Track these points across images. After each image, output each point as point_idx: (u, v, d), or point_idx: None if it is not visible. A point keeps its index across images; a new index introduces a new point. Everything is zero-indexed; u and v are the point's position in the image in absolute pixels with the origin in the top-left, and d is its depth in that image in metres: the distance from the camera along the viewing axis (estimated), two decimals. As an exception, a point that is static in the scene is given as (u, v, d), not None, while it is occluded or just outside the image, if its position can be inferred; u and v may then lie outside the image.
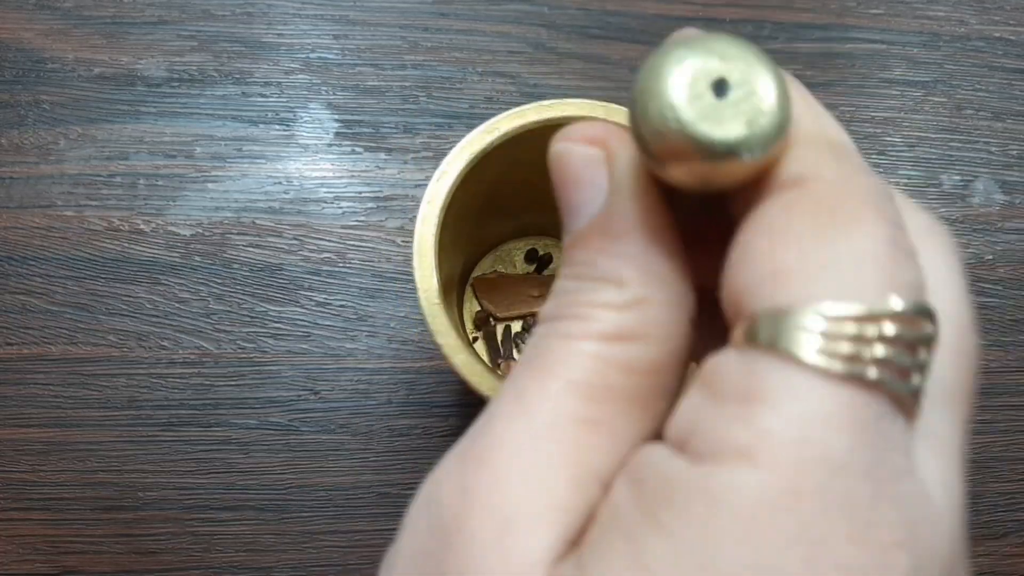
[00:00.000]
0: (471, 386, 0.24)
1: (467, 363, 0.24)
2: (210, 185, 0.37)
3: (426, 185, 0.38)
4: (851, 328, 0.11)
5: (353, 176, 0.38)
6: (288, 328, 0.36)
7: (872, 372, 0.11)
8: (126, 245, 0.37)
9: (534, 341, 0.14)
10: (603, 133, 0.15)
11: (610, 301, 0.13)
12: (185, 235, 0.37)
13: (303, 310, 0.36)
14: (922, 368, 0.11)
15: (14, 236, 0.37)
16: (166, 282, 0.36)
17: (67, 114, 0.38)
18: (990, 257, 0.39)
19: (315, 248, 0.37)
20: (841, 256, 0.11)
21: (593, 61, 0.41)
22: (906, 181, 0.40)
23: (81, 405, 0.35)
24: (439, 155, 0.39)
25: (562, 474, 0.12)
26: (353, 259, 0.37)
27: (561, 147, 0.15)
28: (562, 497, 0.12)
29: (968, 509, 0.38)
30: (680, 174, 0.13)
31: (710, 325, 0.14)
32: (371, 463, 0.35)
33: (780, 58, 0.41)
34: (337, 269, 0.37)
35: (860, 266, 0.11)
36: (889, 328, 0.11)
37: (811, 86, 0.41)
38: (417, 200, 0.27)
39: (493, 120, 0.25)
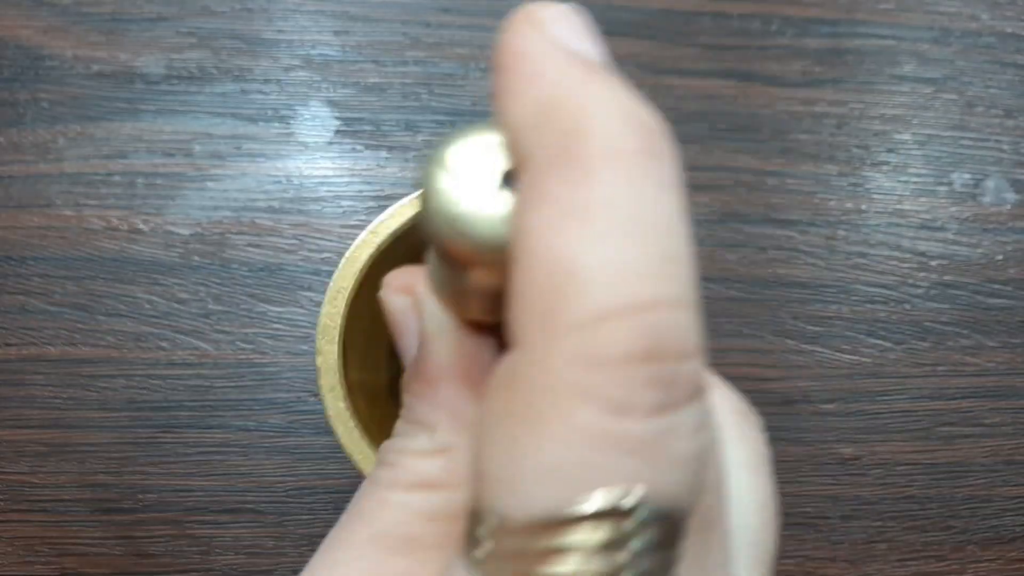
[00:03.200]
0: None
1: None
2: (209, 184, 0.37)
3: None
4: (521, 541, 0.10)
5: (354, 175, 0.38)
6: (288, 329, 0.36)
7: None
8: (125, 245, 0.36)
9: (361, 486, 0.15)
10: (411, 280, 0.15)
11: (419, 448, 0.14)
12: (184, 235, 0.36)
13: (303, 311, 0.36)
14: (624, 571, 0.10)
15: (12, 236, 0.36)
16: (165, 282, 0.36)
17: (65, 112, 0.38)
18: (1000, 257, 0.39)
19: (315, 248, 0.37)
20: (520, 461, 0.10)
21: (597, 57, 0.40)
22: (916, 180, 0.40)
23: (80, 406, 0.35)
24: (441, 153, 0.38)
25: None
26: (353, 259, 0.37)
27: (382, 295, 0.15)
28: None
29: (976, 514, 0.38)
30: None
31: None
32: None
33: (787, 54, 0.41)
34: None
35: (537, 473, 0.10)
36: (570, 537, 0.10)
37: (819, 83, 0.40)
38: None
39: (374, 223, 0.25)
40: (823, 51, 0.41)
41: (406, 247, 0.26)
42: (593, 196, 0.10)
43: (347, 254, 0.25)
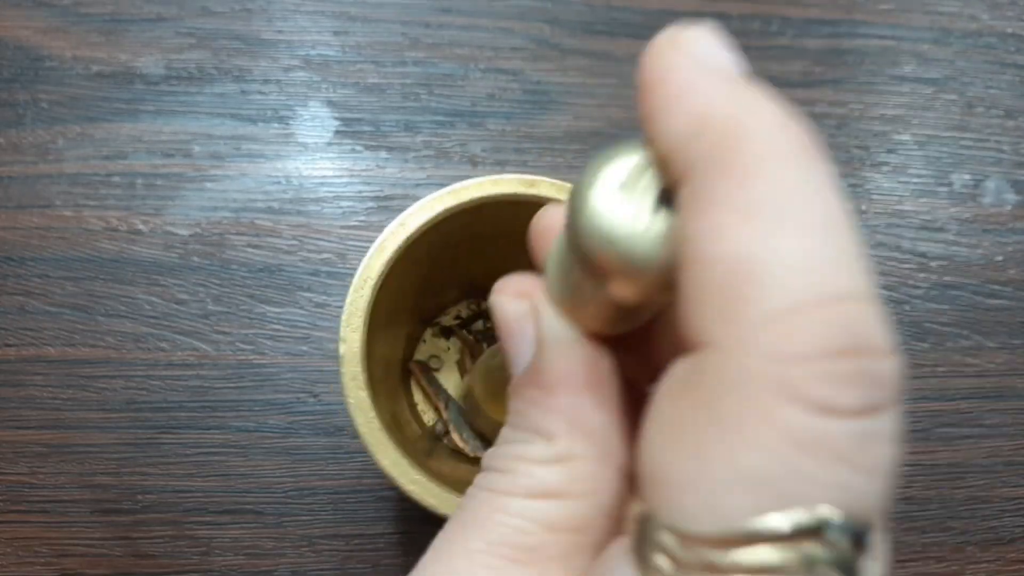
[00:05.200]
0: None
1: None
2: (208, 184, 0.37)
3: (427, 184, 0.38)
4: (702, 555, 0.10)
5: (353, 175, 0.38)
6: (287, 330, 0.36)
7: None
8: (124, 245, 0.36)
9: (469, 491, 0.14)
10: (529, 287, 0.15)
11: (537, 456, 0.14)
12: (183, 235, 0.36)
13: (302, 311, 0.36)
14: None
15: (12, 236, 0.36)
16: (164, 283, 0.36)
17: (65, 113, 0.38)
18: (1000, 258, 0.39)
19: (314, 248, 0.37)
20: (711, 466, 0.10)
21: (597, 58, 0.40)
22: (916, 180, 0.40)
23: (79, 407, 0.35)
24: (440, 153, 0.38)
25: None
26: (353, 260, 0.37)
27: (495, 300, 0.15)
28: None
29: (975, 515, 0.38)
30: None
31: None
32: (370, 466, 0.35)
33: (787, 54, 0.41)
34: (336, 270, 0.36)
35: (728, 482, 0.10)
36: (755, 555, 0.10)
37: (820, 83, 0.40)
38: (417, 199, 0.27)
39: (403, 215, 0.25)
40: (823, 51, 0.41)
41: (433, 240, 0.26)
42: (762, 193, 0.10)
43: (376, 243, 0.25)
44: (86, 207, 0.37)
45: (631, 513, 0.12)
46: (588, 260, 0.12)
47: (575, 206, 0.12)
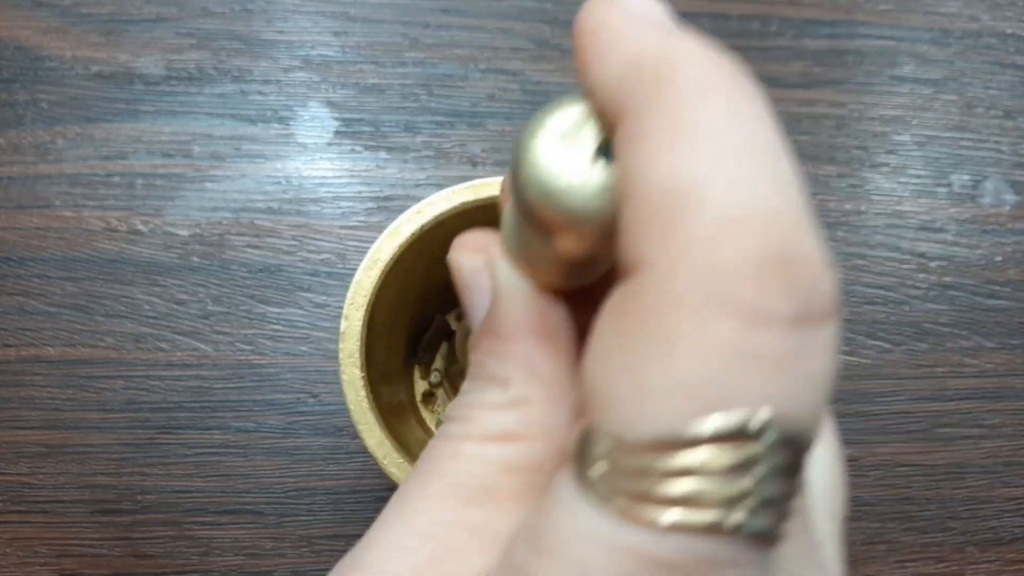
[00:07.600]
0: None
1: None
2: (208, 185, 0.37)
3: (427, 185, 0.38)
4: (640, 460, 0.10)
5: (353, 176, 0.38)
6: (287, 330, 0.36)
7: (663, 514, 0.10)
8: (124, 246, 0.36)
9: (429, 443, 0.14)
10: (484, 242, 0.15)
11: (493, 401, 0.14)
12: (183, 235, 0.36)
13: (302, 312, 0.36)
14: (747, 496, 0.10)
15: (11, 236, 0.36)
16: (164, 283, 0.36)
17: (65, 113, 0.38)
18: (999, 259, 0.39)
19: (314, 249, 0.37)
20: (647, 377, 0.10)
21: (597, 58, 0.40)
22: (915, 181, 0.40)
23: (79, 407, 0.35)
24: (440, 154, 0.38)
25: None
26: (353, 260, 0.37)
27: (452, 256, 0.16)
28: None
29: (975, 515, 0.38)
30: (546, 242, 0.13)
31: None
32: (370, 467, 0.35)
33: (787, 55, 0.41)
34: (336, 270, 0.36)
35: (663, 390, 0.10)
36: (692, 457, 0.10)
37: (819, 84, 0.40)
38: (417, 200, 0.27)
39: (421, 203, 0.26)
40: (823, 52, 0.41)
41: (447, 232, 0.26)
42: (694, 120, 0.10)
43: (390, 228, 0.25)
44: (86, 207, 0.37)
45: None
46: (531, 215, 0.12)
47: (516, 160, 0.12)
